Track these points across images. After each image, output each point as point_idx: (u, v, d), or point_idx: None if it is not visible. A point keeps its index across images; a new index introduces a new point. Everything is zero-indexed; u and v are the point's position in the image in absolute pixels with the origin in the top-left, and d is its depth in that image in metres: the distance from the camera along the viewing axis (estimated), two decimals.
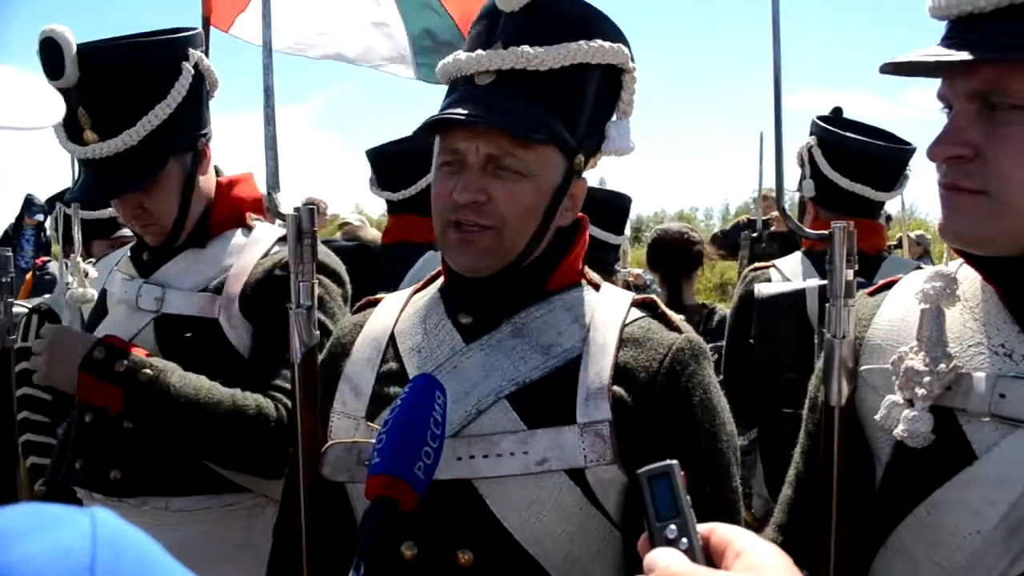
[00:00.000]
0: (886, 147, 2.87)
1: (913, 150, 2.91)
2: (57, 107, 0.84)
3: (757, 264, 3.19)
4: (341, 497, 1.41)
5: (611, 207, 3.18)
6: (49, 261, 5.40)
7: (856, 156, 2.84)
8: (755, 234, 5.76)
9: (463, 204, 1.30)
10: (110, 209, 3.38)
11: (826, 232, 1.37)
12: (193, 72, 1.92)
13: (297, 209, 1.66)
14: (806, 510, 1.35)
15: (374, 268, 2.87)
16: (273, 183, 1.73)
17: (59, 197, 3.68)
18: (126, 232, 3.43)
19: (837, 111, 3.02)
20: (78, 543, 0.46)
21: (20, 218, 8.40)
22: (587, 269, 1.47)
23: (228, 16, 2.95)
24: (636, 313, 1.39)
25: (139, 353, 1.83)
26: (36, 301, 3.90)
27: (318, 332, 1.64)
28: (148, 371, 1.79)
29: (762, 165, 6.38)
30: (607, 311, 1.37)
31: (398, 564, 1.29)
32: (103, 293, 2.13)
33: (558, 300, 1.39)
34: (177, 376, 1.81)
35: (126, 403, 1.78)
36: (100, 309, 2.11)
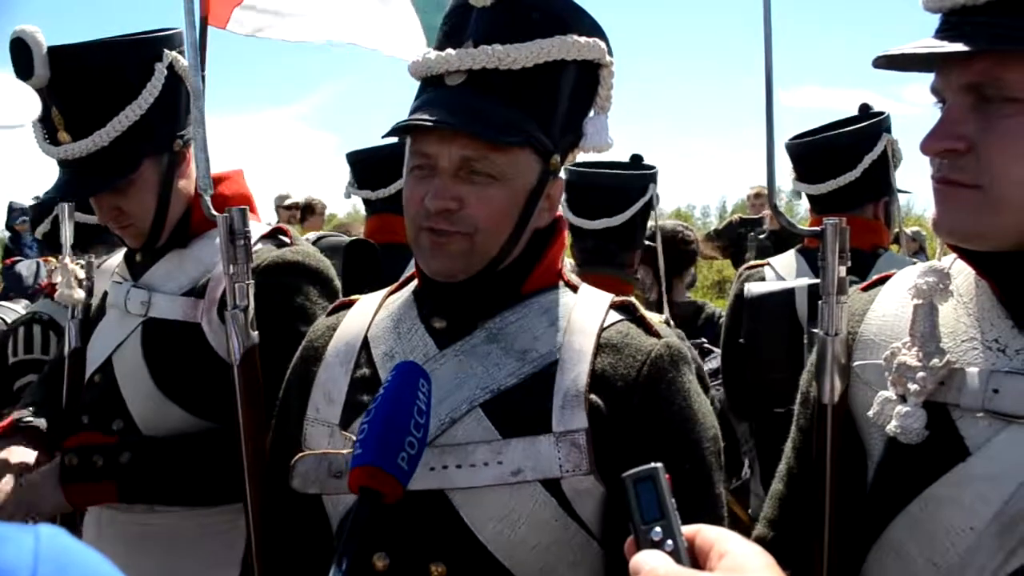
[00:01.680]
0: (799, 143, 2.92)
1: (838, 135, 2.88)
2: (32, 106, 0.83)
3: (751, 262, 3.20)
4: (316, 507, 1.38)
5: (588, 190, 2.87)
6: (18, 261, 5.27)
7: (793, 158, 2.94)
8: (763, 234, 5.73)
9: (434, 211, 1.27)
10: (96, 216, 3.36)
11: (818, 229, 1.37)
12: (167, 73, 1.89)
13: (228, 210, 1.64)
14: (797, 505, 1.35)
15: (372, 261, 2.81)
16: (205, 185, 1.72)
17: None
18: None
19: (864, 108, 3.00)
20: (19, 561, 0.45)
21: (10, 227, 8.30)
22: (565, 270, 1.44)
23: (224, 13, 2.92)
24: (614, 316, 1.35)
25: (101, 438, 1.85)
26: (25, 306, 3.75)
27: (256, 332, 1.64)
28: (126, 453, 1.80)
29: (769, 162, 6.36)
30: (584, 314, 1.34)
31: (370, 575, 1.27)
32: (104, 295, 2.12)
33: (534, 303, 1.35)
34: (151, 443, 1.83)
35: (120, 491, 1.80)
36: (100, 312, 2.10)
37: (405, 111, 1.34)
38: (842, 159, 2.83)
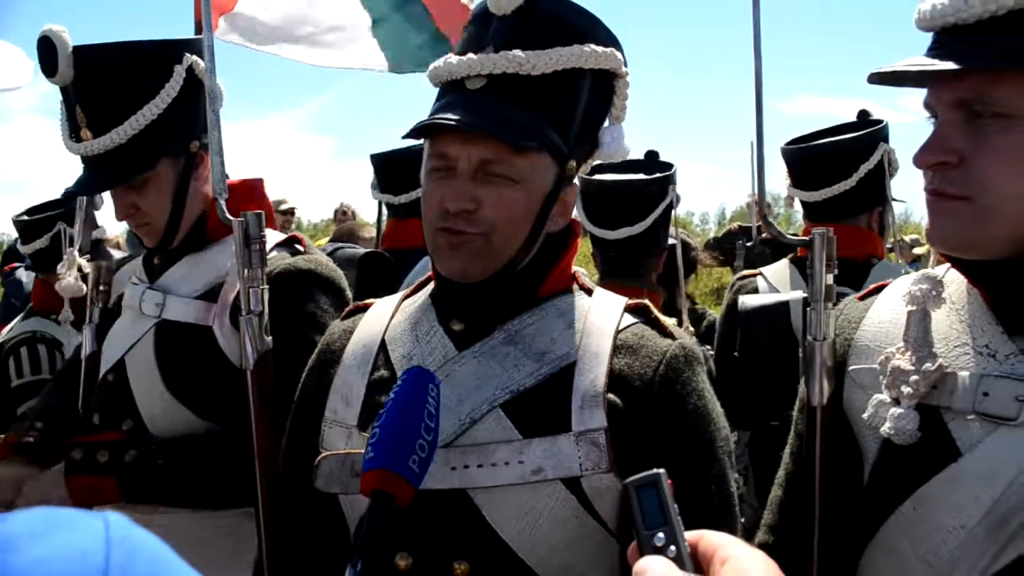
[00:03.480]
0: (795, 148, 2.88)
1: (834, 143, 2.84)
2: (23, 72, 0.85)
3: (744, 272, 3.15)
4: (334, 508, 1.40)
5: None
6: (18, 267, 5.16)
7: (789, 163, 2.90)
8: (750, 242, 5.74)
9: (453, 212, 1.30)
10: (95, 232, 3.36)
11: (807, 238, 1.41)
12: (185, 75, 1.93)
13: (244, 215, 1.68)
14: (795, 510, 1.38)
15: (387, 273, 2.78)
16: (220, 189, 1.75)
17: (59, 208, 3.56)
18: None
19: (862, 114, 2.99)
20: (91, 545, 0.45)
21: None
22: (579, 274, 1.47)
23: (213, 20, 2.93)
24: (629, 319, 1.38)
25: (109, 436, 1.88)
26: (27, 325, 3.41)
27: (270, 338, 1.67)
28: (132, 451, 1.82)
29: (754, 172, 6.35)
30: (600, 317, 1.37)
31: (392, 574, 1.29)
32: (120, 297, 2.15)
33: (550, 306, 1.38)
34: (158, 443, 1.85)
35: (121, 488, 1.81)
36: (116, 313, 2.13)
37: (400, 117, 1.36)
38: (838, 167, 2.79)
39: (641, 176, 2.88)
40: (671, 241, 3.17)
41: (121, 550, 0.46)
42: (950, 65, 1.06)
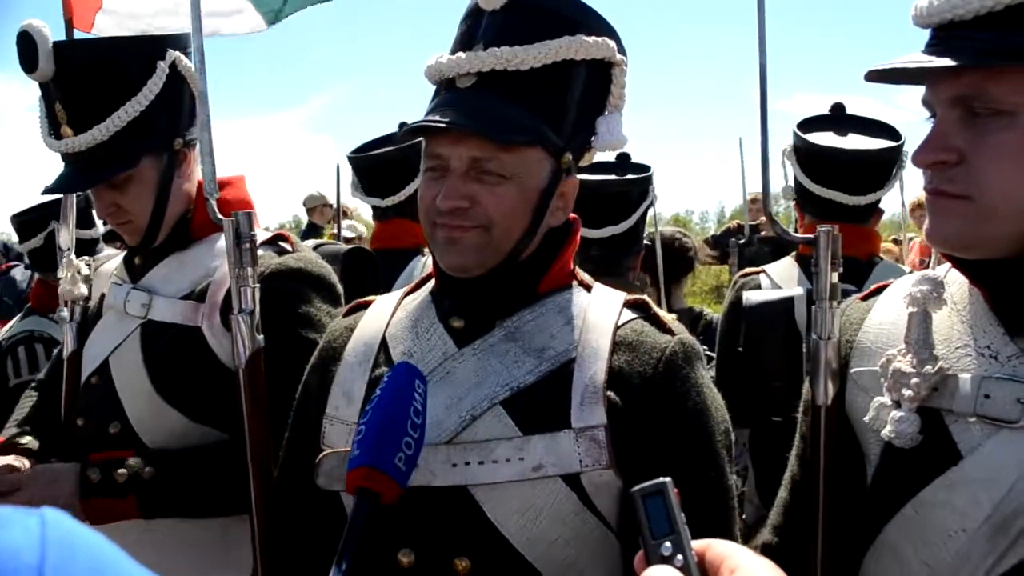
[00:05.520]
0: (855, 151, 2.79)
1: (893, 148, 2.80)
2: None
3: (747, 270, 3.13)
4: (336, 507, 1.40)
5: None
6: (14, 266, 5.13)
7: (825, 162, 2.78)
8: (742, 240, 5.77)
9: (446, 211, 1.30)
10: (90, 231, 3.34)
11: (812, 236, 1.40)
12: (168, 72, 1.91)
13: (235, 214, 1.66)
14: (799, 511, 1.37)
15: (372, 269, 2.78)
16: (211, 189, 1.74)
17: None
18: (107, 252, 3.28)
19: (836, 107, 2.96)
20: (25, 543, 0.44)
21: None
22: (578, 270, 1.47)
23: (88, 17, 2.86)
24: (628, 315, 1.38)
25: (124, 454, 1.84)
26: (26, 324, 3.43)
27: (261, 336, 1.66)
28: (149, 468, 1.79)
29: (744, 170, 6.38)
30: (599, 313, 1.37)
31: (395, 571, 1.29)
32: (102, 297, 2.12)
33: (550, 302, 1.38)
34: (173, 457, 1.83)
35: (141, 508, 1.78)
36: (97, 314, 2.10)
37: (401, 114, 1.36)
38: (881, 174, 2.75)
39: (624, 176, 2.89)
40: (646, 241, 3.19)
41: (58, 548, 0.45)
42: (947, 62, 1.04)
